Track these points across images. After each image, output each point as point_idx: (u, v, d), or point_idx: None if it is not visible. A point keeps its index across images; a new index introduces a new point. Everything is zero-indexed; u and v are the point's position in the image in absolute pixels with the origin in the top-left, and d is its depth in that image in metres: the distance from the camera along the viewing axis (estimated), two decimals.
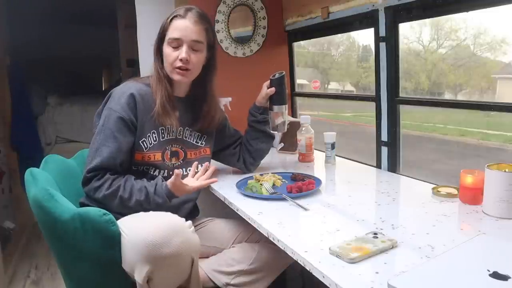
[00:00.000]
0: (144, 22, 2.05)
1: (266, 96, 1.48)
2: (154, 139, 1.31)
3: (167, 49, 1.29)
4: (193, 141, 1.41)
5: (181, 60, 1.27)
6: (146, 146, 1.29)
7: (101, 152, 1.22)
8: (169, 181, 1.23)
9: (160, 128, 1.32)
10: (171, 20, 1.29)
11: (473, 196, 1.14)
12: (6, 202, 2.87)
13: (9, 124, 3.00)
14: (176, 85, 1.36)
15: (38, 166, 1.26)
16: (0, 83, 2.95)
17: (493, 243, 0.91)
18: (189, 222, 1.09)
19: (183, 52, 1.27)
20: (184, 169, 1.36)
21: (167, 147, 1.33)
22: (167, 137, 1.33)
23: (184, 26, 1.28)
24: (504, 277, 0.72)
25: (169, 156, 1.34)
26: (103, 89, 6.00)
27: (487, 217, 1.06)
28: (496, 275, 0.73)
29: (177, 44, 1.28)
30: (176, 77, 1.31)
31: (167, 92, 1.31)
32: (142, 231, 1.02)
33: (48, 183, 1.14)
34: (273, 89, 1.46)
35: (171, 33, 1.28)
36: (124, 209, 1.20)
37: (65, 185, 1.29)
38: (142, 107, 1.28)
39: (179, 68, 1.29)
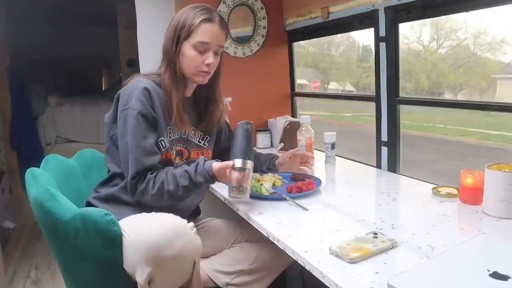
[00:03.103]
0: (144, 22, 2.05)
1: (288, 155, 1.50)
2: (169, 137, 1.28)
3: (191, 51, 1.25)
4: (196, 141, 1.39)
5: (207, 65, 1.26)
6: (164, 146, 1.25)
7: (136, 154, 1.18)
8: (215, 164, 1.19)
9: (168, 128, 1.28)
10: (200, 23, 1.25)
11: (473, 196, 1.15)
12: (6, 202, 2.87)
13: (9, 124, 3.00)
14: (189, 85, 1.33)
15: (38, 166, 1.25)
16: (0, 83, 2.95)
17: (493, 243, 0.91)
18: (191, 223, 1.08)
19: (210, 57, 1.25)
20: None
21: (173, 146, 1.31)
22: (173, 136, 1.31)
23: (214, 31, 1.25)
24: (504, 277, 0.72)
25: (174, 156, 1.31)
26: (103, 89, 6.00)
27: (487, 217, 1.06)
28: (496, 275, 0.73)
29: (204, 48, 1.26)
30: (198, 79, 1.29)
31: (183, 95, 1.29)
32: (145, 232, 1.01)
33: (49, 183, 1.13)
34: None
35: (201, 37, 1.24)
36: (175, 200, 1.20)
37: (66, 185, 1.29)
38: (158, 103, 1.24)
39: (204, 72, 1.27)
